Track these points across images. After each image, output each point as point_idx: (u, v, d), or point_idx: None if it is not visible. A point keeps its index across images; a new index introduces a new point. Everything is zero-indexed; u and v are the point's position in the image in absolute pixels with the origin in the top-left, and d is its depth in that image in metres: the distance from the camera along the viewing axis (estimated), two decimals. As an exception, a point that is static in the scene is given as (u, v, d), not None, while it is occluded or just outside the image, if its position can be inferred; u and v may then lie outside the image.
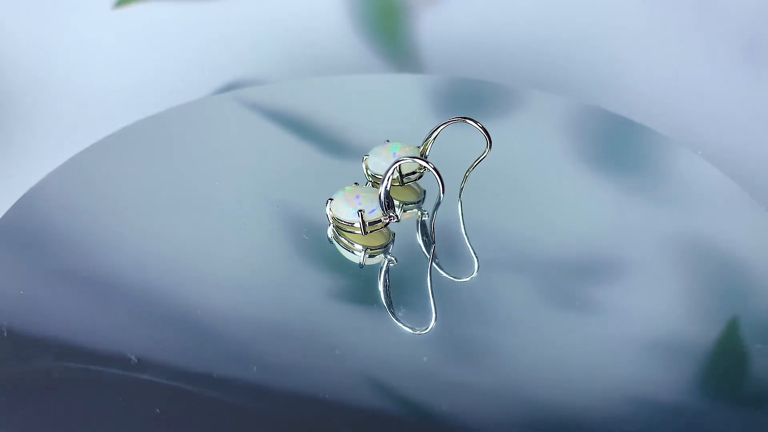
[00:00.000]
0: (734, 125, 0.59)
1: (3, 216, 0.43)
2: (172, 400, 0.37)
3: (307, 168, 0.46)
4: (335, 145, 0.47)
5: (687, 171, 0.47)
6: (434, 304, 0.40)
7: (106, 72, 0.61)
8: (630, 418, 0.37)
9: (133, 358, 0.38)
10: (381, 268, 0.41)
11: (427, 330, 0.39)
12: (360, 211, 0.41)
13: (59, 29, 0.61)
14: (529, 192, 0.45)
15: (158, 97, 0.58)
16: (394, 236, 0.42)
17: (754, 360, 0.39)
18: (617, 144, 0.49)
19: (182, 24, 0.62)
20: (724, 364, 0.39)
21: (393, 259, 0.42)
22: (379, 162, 0.43)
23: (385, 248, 0.42)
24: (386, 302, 0.40)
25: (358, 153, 0.45)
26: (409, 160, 0.41)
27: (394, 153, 0.43)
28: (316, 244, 0.43)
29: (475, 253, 0.41)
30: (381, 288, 0.41)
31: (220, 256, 0.42)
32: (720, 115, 0.59)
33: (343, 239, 0.42)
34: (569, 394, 0.38)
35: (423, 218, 0.43)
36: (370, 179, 0.44)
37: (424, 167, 0.42)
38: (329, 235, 0.42)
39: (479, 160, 0.44)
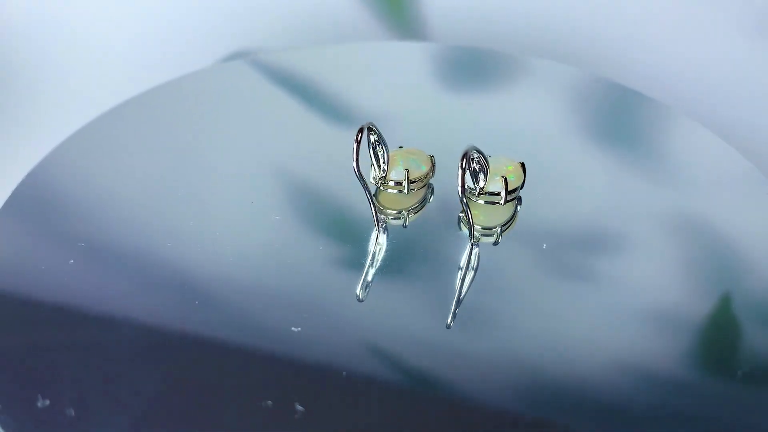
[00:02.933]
0: (743, 99, 0.58)
1: (17, 186, 0.43)
2: (174, 367, 0.37)
3: (311, 135, 0.46)
4: (340, 113, 0.47)
5: (693, 143, 0.47)
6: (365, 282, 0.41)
7: (113, 43, 0.60)
8: (625, 387, 0.37)
9: None
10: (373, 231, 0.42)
11: (360, 300, 0.40)
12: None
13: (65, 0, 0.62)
14: (532, 162, 0.45)
15: (165, 66, 0.58)
16: (407, 212, 0.43)
17: (746, 335, 0.39)
18: (622, 115, 0.49)
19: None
20: (717, 338, 0.39)
21: (381, 227, 0.42)
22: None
23: (392, 214, 0.42)
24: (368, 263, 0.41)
25: (363, 120, 0.45)
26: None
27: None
28: (320, 211, 0.43)
29: (457, 312, 0.40)
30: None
31: (225, 223, 0.42)
32: (728, 89, 0.59)
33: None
34: (567, 363, 0.38)
35: (472, 249, 0.42)
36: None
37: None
38: None
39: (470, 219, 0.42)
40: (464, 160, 0.41)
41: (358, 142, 0.41)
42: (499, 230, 0.42)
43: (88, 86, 0.58)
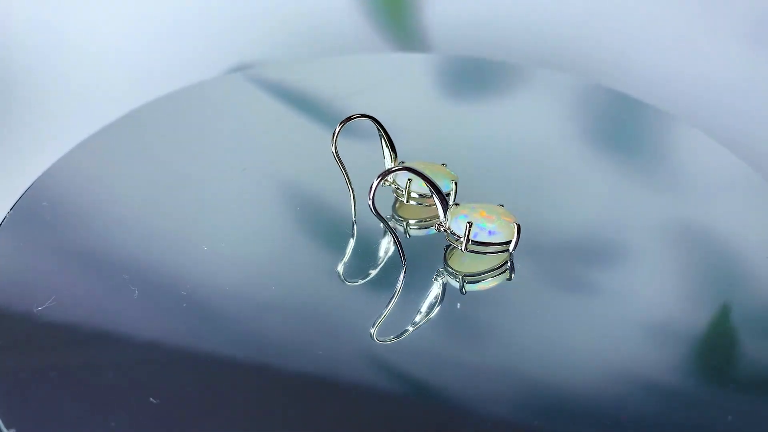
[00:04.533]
0: (744, 106, 0.58)
1: (20, 198, 0.43)
2: (176, 379, 0.37)
3: (313, 146, 0.46)
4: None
5: (693, 151, 0.47)
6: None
7: (117, 54, 0.61)
8: (624, 397, 0.37)
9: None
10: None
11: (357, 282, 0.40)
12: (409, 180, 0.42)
13: (70, 10, 0.62)
14: (533, 172, 0.46)
15: (167, 78, 0.59)
16: (406, 222, 0.43)
17: (744, 344, 0.39)
18: (624, 123, 0.49)
19: (192, 6, 0.62)
20: (715, 348, 0.39)
21: (393, 225, 0.42)
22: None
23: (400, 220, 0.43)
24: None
25: (364, 132, 0.45)
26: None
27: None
28: (320, 222, 0.43)
29: (379, 325, 0.40)
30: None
31: (227, 234, 0.42)
32: (729, 96, 0.59)
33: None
34: (566, 374, 0.38)
35: (405, 271, 0.41)
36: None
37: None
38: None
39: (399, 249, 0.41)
40: (381, 177, 0.39)
41: (344, 122, 0.41)
42: (461, 279, 0.41)
43: (90, 99, 0.58)
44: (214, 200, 0.44)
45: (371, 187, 0.39)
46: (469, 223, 0.40)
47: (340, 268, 0.41)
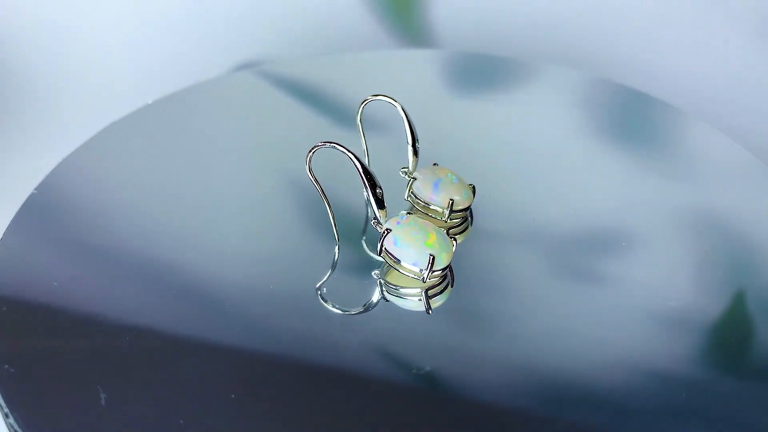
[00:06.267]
0: (749, 100, 0.59)
1: (29, 196, 0.43)
2: (184, 371, 0.38)
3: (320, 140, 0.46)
4: (350, 120, 0.48)
5: (701, 143, 0.47)
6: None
7: (126, 51, 0.61)
8: (636, 389, 0.37)
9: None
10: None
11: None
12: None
13: (79, 7, 0.62)
14: (542, 165, 0.46)
15: (175, 76, 0.59)
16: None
17: (759, 333, 0.39)
18: (631, 117, 0.49)
19: (199, 3, 0.62)
20: (730, 337, 0.39)
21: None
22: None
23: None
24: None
25: (372, 127, 0.45)
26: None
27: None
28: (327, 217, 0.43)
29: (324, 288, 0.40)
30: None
31: (236, 230, 0.43)
32: (735, 90, 0.59)
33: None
34: (577, 365, 0.38)
35: (338, 249, 0.42)
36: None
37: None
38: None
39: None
40: (321, 145, 0.39)
41: (376, 96, 0.42)
42: (380, 284, 0.40)
43: (98, 96, 0.58)
44: (223, 196, 0.44)
45: (309, 151, 0.40)
46: (387, 229, 0.39)
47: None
